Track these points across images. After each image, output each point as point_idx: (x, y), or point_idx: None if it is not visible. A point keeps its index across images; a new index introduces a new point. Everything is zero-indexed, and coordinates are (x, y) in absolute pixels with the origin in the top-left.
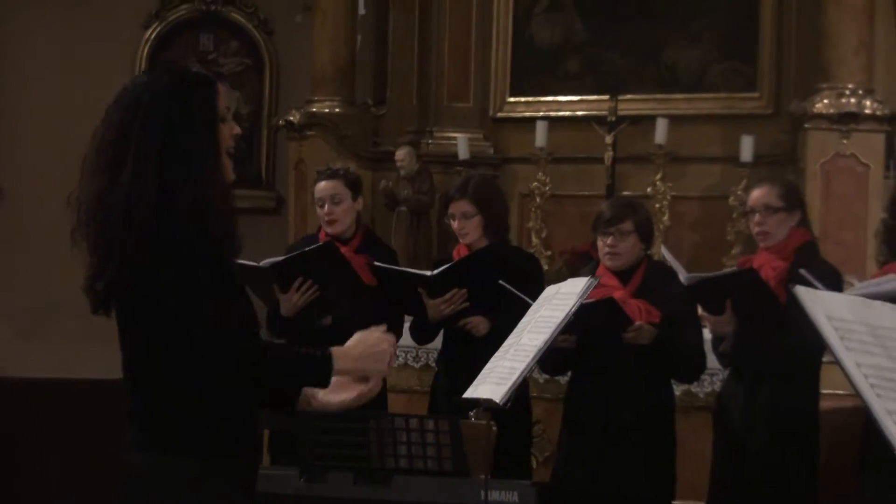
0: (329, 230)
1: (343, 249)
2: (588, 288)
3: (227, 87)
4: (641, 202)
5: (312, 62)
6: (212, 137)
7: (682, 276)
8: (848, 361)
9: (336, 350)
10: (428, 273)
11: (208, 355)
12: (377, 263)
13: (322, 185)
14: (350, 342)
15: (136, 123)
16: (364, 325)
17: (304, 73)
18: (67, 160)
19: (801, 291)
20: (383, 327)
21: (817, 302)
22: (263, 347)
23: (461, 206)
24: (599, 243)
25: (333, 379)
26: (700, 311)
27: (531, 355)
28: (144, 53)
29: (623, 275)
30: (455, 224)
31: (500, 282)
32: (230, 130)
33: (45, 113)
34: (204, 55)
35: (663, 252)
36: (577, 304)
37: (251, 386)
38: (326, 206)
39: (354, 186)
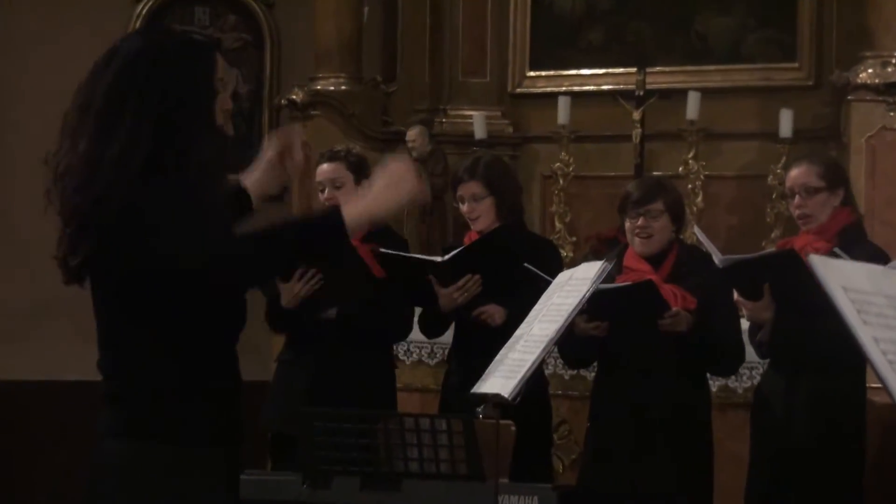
0: None
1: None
2: (603, 272)
3: (223, 58)
4: (671, 181)
5: (316, 36)
6: (209, 110)
7: (717, 258)
8: (865, 336)
9: (344, 205)
10: (437, 259)
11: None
12: (382, 250)
13: (323, 167)
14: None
15: (132, 91)
16: (371, 319)
17: (308, 49)
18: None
19: (816, 260)
20: (405, 156)
21: (833, 271)
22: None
23: (470, 188)
24: (628, 225)
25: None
26: (736, 296)
27: (542, 346)
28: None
29: (653, 259)
30: (465, 208)
31: (526, 265)
32: (223, 104)
33: (29, 93)
34: (200, 31)
35: (696, 232)
36: (592, 289)
37: (251, 262)
38: (327, 191)
39: (359, 169)
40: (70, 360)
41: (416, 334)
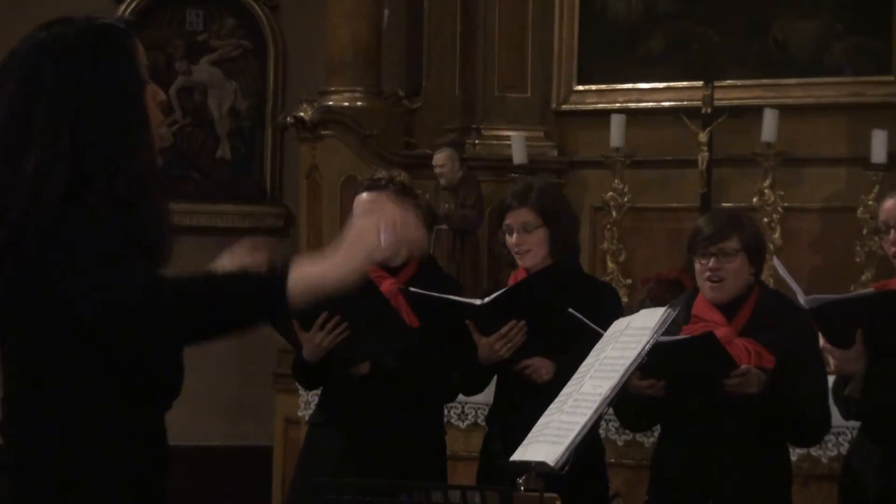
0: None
1: (391, 282)
2: (665, 321)
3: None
4: (748, 215)
5: (327, 43)
6: (136, 107)
7: (802, 297)
8: None
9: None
10: (476, 301)
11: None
12: (412, 289)
13: (363, 198)
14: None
15: (39, 98)
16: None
17: (318, 58)
18: None
19: None
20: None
21: None
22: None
23: (521, 216)
24: (697, 267)
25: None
26: (822, 342)
27: (594, 407)
28: None
29: (727, 307)
30: (513, 239)
31: (570, 310)
32: (154, 96)
33: None
34: (191, 36)
35: (776, 265)
36: (652, 341)
37: (177, 322)
38: None
39: (404, 199)
40: None
41: None
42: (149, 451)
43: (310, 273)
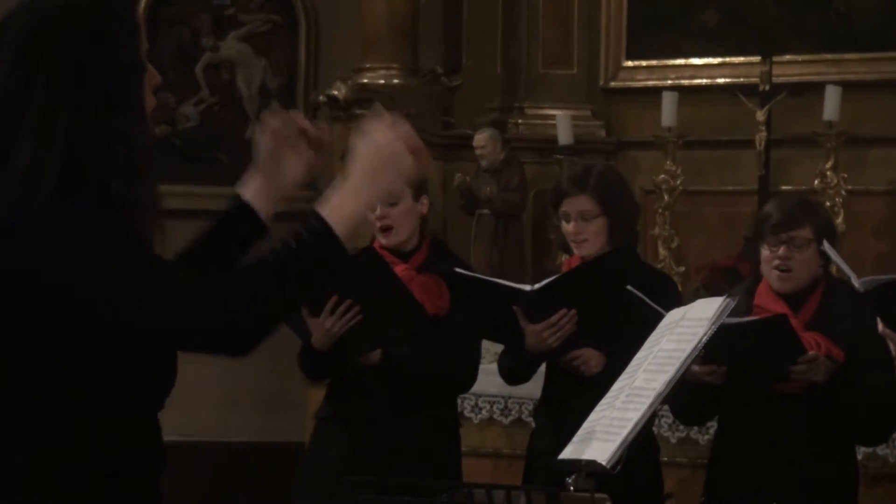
0: (384, 240)
1: (403, 267)
2: (724, 310)
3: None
4: (820, 202)
5: (362, 17)
6: (138, 93)
7: (856, 281)
8: None
9: (327, 206)
10: (526, 287)
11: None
12: (458, 270)
13: None
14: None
15: (37, 79)
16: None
17: (352, 33)
18: None
19: None
20: (387, 115)
21: None
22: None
23: (580, 204)
24: (765, 254)
25: None
26: (881, 327)
27: (648, 402)
28: (141, 9)
29: (793, 299)
30: (570, 227)
31: (629, 287)
32: (151, 81)
33: None
34: (219, 11)
35: (826, 249)
36: (710, 332)
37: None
38: (379, 208)
39: (415, 183)
40: None
41: (484, 386)
42: (142, 453)
43: (347, 211)
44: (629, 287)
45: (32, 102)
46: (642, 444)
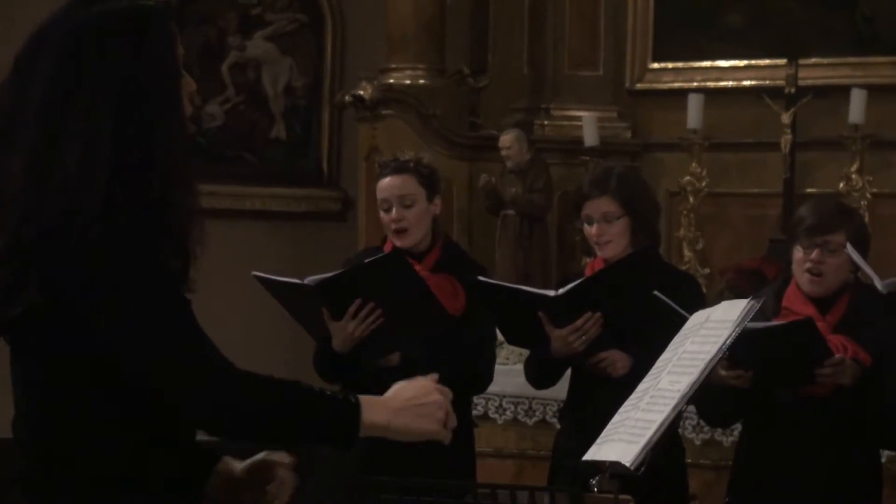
0: (398, 242)
1: (417, 268)
2: (749, 312)
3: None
4: (854, 207)
5: (388, 17)
6: (177, 98)
7: (879, 282)
8: None
9: (366, 398)
10: (550, 292)
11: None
12: (481, 279)
13: (387, 182)
14: (388, 393)
15: (80, 85)
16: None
17: (378, 33)
18: None
19: None
20: (435, 377)
21: None
22: (263, 378)
23: (602, 206)
24: (798, 256)
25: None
26: None
27: (672, 403)
28: None
29: (822, 302)
30: (593, 230)
31: (655, 293)
32: (188, 88)
33: None
34: (245, 10)
35: (849, 251)
36: (734, 334)
37: (245, 427)
38: (395, 210)
39: (430, 183)
40: None
41: (509, 387)
42: (180, 466)
43: (377, 418)
44: (656, 292)
45: (78, 107)
46: (667, 445)
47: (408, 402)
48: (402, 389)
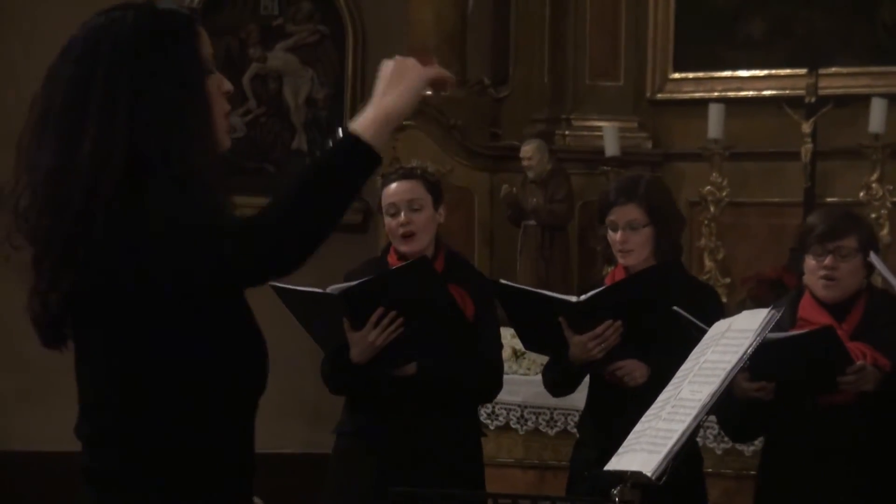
0: (404, 248)
1: None
2: (769, 322)
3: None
4: (861, 214)
5: (409, 28)
6: (197, 92)
7: None
8: None
9: (355, 124)
10: (572, 298)
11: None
12: (503, 281)
13: (394, 187)
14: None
15: (96, 79)
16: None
17: (399, 43)
18: None
19: None
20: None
21: None
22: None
23: (628, 213)
24: (811, 264)
25: None
26: None
27: (693, 413)
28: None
29: (837, 309)
30: (618, 236)
31: (675, 308)
32: (220, 86)
33: None
34: (266, 21)
35: (873, 260)
36: (755, 343)
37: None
38: (403, 215)
39: (436, 191)
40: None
41: (529, 397)
42: (236, 459)
43: (377, 117)
44: (676, 308)
45: (94, 98)
46: (687, 456)
47: (385, 82)
48: (377, 81)
